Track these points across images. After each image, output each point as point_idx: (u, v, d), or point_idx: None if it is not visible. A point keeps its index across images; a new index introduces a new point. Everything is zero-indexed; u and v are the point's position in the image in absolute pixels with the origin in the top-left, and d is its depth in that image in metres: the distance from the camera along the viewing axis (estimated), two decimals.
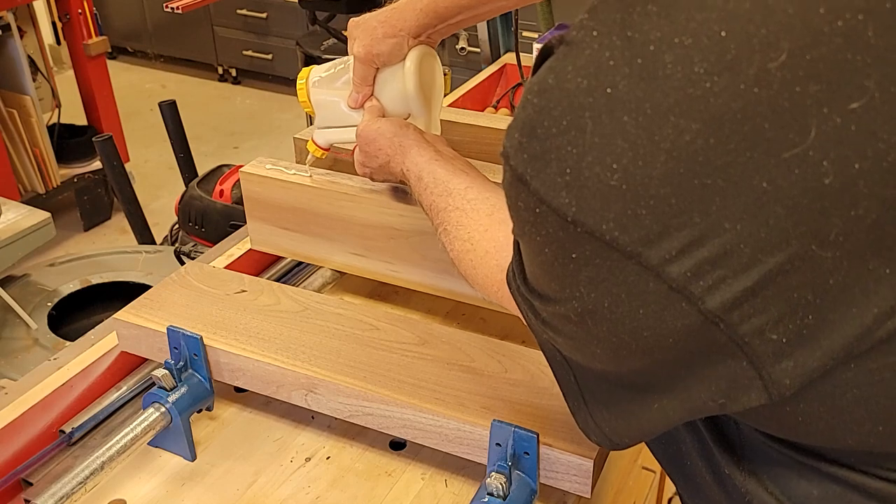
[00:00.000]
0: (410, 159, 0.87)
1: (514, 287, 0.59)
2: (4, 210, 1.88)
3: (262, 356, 0.88)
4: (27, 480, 0.86)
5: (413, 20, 0.92)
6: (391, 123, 0.91)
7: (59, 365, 0.95)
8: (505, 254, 0.68)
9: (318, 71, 1.01)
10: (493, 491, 0.74)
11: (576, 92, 0.44)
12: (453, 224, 0.78)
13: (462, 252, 0.76)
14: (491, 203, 0.78)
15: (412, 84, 0.93)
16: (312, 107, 1.00)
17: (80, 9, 3.10)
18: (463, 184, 0.81)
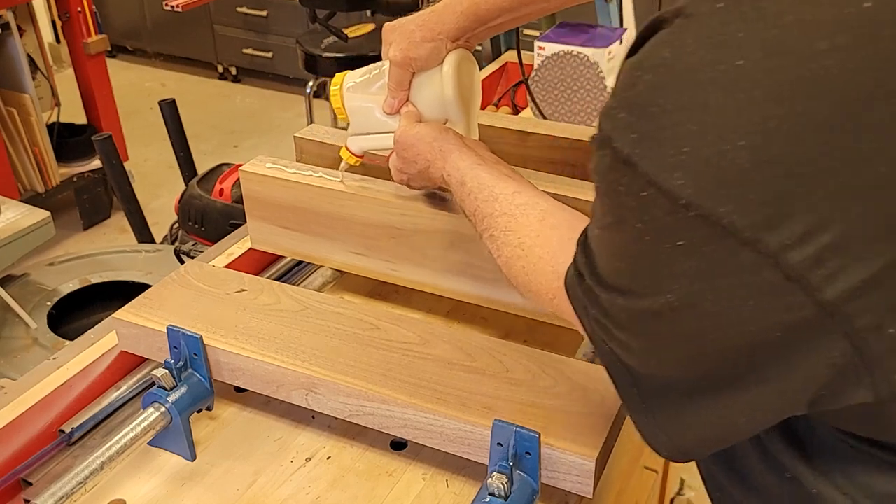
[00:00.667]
0: (451, 164, 0.85)
1: (578, 289, 0.58)
2: (4, 209, 1.87)
3: (262, 356, 0.87)
4: (27, 480, 0.86)
5: (452, 23, 0.90)
6: (431, 128, 0.90)
7: (59, 364, 0.94)
8: (561, 259, 0.67)
9: (352, 76, 0.99)
10: (494, 491, 0.74)
11: (699, 65, 0.43)
12: (501, 229, 0.77)
13: (512, 258, 0.75)
14: (542, 208, 0.76)
15: (451, 88, 0.91)
16: (346, 113, 0.98)
17: (79, 7, 3.10)
18: (510, 188, 0.79)
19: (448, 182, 0.86)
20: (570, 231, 0.71)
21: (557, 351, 0.99)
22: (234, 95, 4.58)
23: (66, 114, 3.24)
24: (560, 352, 0.98)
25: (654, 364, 0.54)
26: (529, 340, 1.02)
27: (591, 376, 0.84)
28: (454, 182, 0.85)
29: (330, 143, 1.13)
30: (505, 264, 0.76)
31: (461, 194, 0.84)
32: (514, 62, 1.71)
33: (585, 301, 0.57)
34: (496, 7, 0.89)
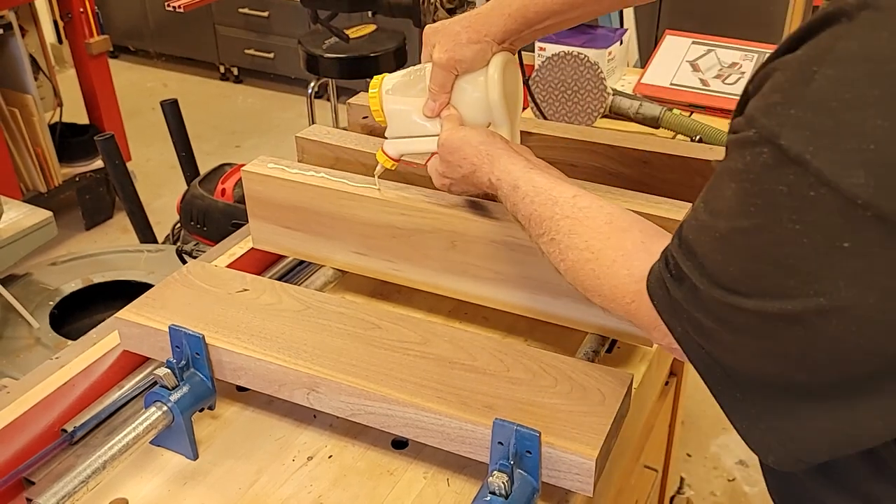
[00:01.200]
0: (501, 168, 0.84)
1: (671, 293, 0.57)
2: (6, 209, 1.88)
3: (263, 355, 0.88)
4: (29, 479, 0.86)
5: (500, 25, 0.89)
6: (477, 132, 0.88)
7: (61, 364, 0.95)
8: (636, 263, 0.66)
9: (391, 78, 0.97)
10: (495, 490, 0.74)
11: (893, 58, 0.41)
12: (564, 233, 0.75)
13: (580, 262, 0.73)
14: (607, 211, 0.74)
15: (496, 92, 0.90)
16: (385, 116, 0.97)
17: (81, 8, 3.10)
18: (569, 192, 0.78)
19: (497, 186, 0.84)
20: (641, 234, 0.70)
21: (558, 350, 0.99)
22: (235, 96, 4.58)
23: (69, 114, 3.24)
24: (560, 351, 0.99)
25: (771, 367, 0.52)
26: (530, 340, 1.02)
27: (592, 375, 0.84)
28: (505, 186, 0.83)
29: (331, 143, 1.13)
30: (570, 268, 0.75)
31: (514, 198, 0.82)
32: None
33: (683, 305, 0.56)
34: (546, 10, 0.88)
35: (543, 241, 0.78)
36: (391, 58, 1.97)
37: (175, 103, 2.28)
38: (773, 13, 3.25)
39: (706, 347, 0.56)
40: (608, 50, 1.62)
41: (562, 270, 0.77)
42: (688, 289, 0.56)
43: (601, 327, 0.95)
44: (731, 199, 0.52)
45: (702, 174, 1.05)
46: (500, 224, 0.95)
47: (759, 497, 2.19)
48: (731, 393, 0.57)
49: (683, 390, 1.71)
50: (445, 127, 0.91)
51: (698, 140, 1.38)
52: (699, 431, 2.39)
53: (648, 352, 0.99)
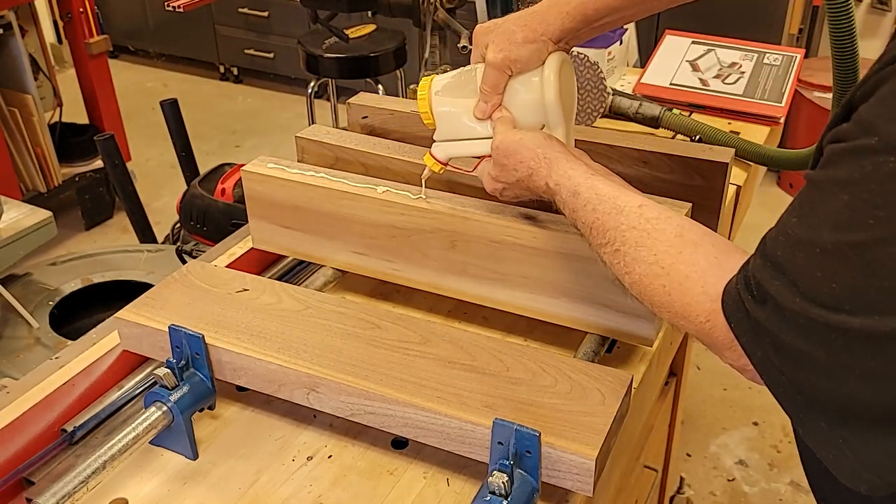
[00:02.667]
0: (560, 172, 0.81)
1: (752, 314, 0.55)
2: (6, 209, 1.88)
3: (263, 355, 0.88)
4: (29, 479, 0.86)
5: (557, 24, 0.86)
6: (534, 134, 0.86)
7: (61, 364, 0.95)
8: (712, 280, 0.64)
9: (439, 80, 0.94)
10: (494, 490, 0.74)
11: None
12: (631, 244, 0.73)
13: (649, 276, 0.71)
14: (676, 223, 0.72)
15: (552, 93, 0.87)
16: (433, 118, 0.94)
17: (81, 7, 3.10)
18: (634, 201, 0.75)
19: (555, 191, 0.82)
20: (714, 248, 0.68)
21: (558, 350, 0.99)
22: (235, 96, 4.58)
23: (68, 114, 3.24)
24: (560, 351, 0.99)
25: (869, 392, 0.51)
26: (530, 340, 1.02)
27: (592, 375, 0.84)
28: (565, 191, 0.81)
29: (331, 143, 1.13)
30: (637, 282, 0.72)
31: (574, 205, 0.80)
32: None
33: (766, 327, 0.54)
34: (605, 6, 0.86)
35: (606, 251, 0.76)
36: (391, 58, 1.97)
37: (175, 103, 2.28)
38: (773, 13, 3.25)
39: (788, 373, 0.53)
40: (608, 50, 1.62)
41: (627, 283, 0.74)
42: (773, 310, 0.54)
43: (601, 327, 0.95)
44: (842, 212, 0.50)
45: (701, 174, 1.05)
46: (500, 224, 0.95)
47: (759, 497, 2.19)
48: (815, 422, 0.55)
49: (683, 390, 1.71)
50: (499, 129, 0.88)
51: (698, 140, 1.38)
52: (699, 431, 2.39)
53: (648, 352, 0.99)
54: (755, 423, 2.42)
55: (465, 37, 1.79)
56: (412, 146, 1.12)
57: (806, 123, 3.30)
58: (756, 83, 1.57)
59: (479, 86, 0.90)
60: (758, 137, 1.47)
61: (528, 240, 0.94)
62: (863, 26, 3.53)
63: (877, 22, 3.57)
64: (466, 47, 1.77)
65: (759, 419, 2.43)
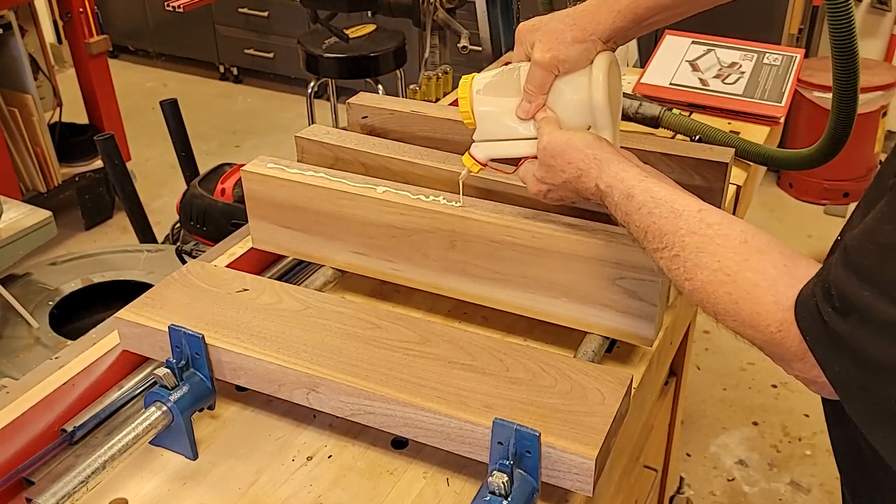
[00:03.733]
0: (611, 174, 0.80)
1: (833, 326, 0.53)
2: (6, 209, 1.88)
3: (263, 355, 0.88)
4: (29, 479, 0.86)
5: (608, 23, 0.85)
6: (583, 135, 0.84)
7: (61, 364, 0.95)
8: (783, 288, 0.63)
9: (480, 79, 0.92)
10: (494, 490, 0.74)
11: None
12: (692, 250, 0.71)
13: (713, 283, 0.69)
14: (739, 229, 0.70)
15: (601, 93, 0.85)
16: (474, 118, 0.92)
17: (81, 7, 3.10)
18: (693, 205, 0.74)
19: (606, 193, 0.80)
20: (781, 256, 0.67)
21: (557, 350, 0.99)
22: (235, 95, 4.58)
23: (68, 114, 3.24)
24: (560, 351, 0.99)
25: None
26: (529, 340, 1.02)
27: (591, 375, 0.84)
28: (617, 193, 0.79)
29: (331, 143, 1.13)
30: (699, 289, 0.70)
31: (627, 207, 0.78)
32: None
33: (848, 341, 0.52)
34: (657, 5, 0.84)
35: (663, 255, 0.74)
36: (391, 58, 1.97)
37: (175, 103, 2.28)
38: (773, 13, 3.25)
39: (872, 388, 0.52)
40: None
41: (687, 290, 0.72)
42: (858, 322, 0.53)
43: (601, 327, 0.95)
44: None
45: (701, 174, 1.05)
46: (500, 224, 0.95)
47: (759, 496, 2.19)
48: (891, 433, 0.54)
49: (683, 390, 1.71)
50: (546, 129, 0.86)
51: (698, 140, 1.38)
52: (699, 431, 2.39)
53: (648, 352, 0.99)
54: (755, 423, 2.42)
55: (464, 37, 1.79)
56: (412, 146, 1.12)
57: (806, 123, 3.30)
58: (756, 83, 1.57)
59: (522, 85, 0.88)
60: (758, 137, 1.47)
61: (528, 240, 0.94)
62: (863, 26, 3.54)
63: (877, 22, 3.57)
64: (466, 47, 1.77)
65: (758, 419, 2.43)
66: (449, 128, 1.14)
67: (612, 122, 0.88)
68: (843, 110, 1.20)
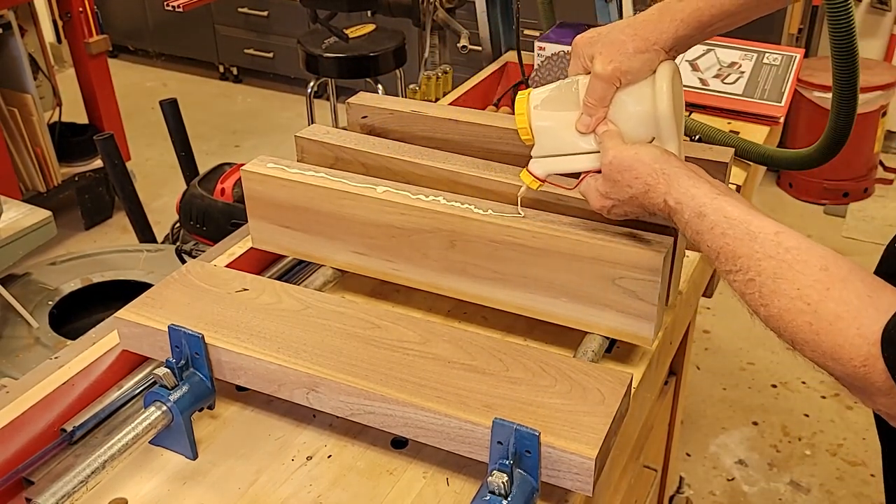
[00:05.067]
0: (680, 190, 0.78)
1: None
2: (5, 209, 1.88)
3: (263, 355, 0.88)
4: (28, 479, 0.86)
5: (671, 32, 0.83)
6: (650, 149, 0.82)
7: (61, 364, 0.95)
8: (867, 321, 0.61)
9: (537, 94, 0.91)
10: (494, 489, 0.74)
11: None
12: (769, 275, 0.69)
13: (791, 311, 0.67)
14: (819, 255, 0.68)
15: (666, 104, 0.83)
16: (532, 133, 0.90)
17: (80, 7, 3.10)
18: (769, 228, 0.71)
19: (675, 210, 0.79)
20: (864, 285, 0.65)
21: (557, 350, 0.99)
22: (235, 95, 4.58)
23: (68, 113, 3.24)
24: (560, 351, 0.99)
25: None
26: (529, 339, 1.02)
27: (591, 375, 0.84)
28: (688, 211, 0.77)
29: (330, 142, 1.13)
30: (775, 316, 0.68)
31: (698, 226, 0.76)
32: (514, 62, 1.71)
33: None
34: (721, 12, 0.82)
35: (737, 279, 0.72)
36: (390, 57, 1.96)
37: (174, 103, 2.28)
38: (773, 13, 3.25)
39: None
40: None
41: (762, 315, 0.70)
42: None
43: (601, 327, 0.95)
44: None
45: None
46: (500, 224, 0.95)
47: (759, 496, 2.19)
48: None
49: (683, 390, 1.71)
50: (610, 144, 0.84)
51: (698, 140, 1.38)
52: (698, 431, 2.40)
53: (648, 351, 0.99)
54: (755, 422, 2.42)
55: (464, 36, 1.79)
56: (412, 146, 1.12)
57: (806, 123, 3.30)
58: (756, 83, 1.57)
59: (580, 98, 0.87)
60: (757, 137, 1.47)
61: (528, 240, 0.94)
62: (863, 26, 3.54)
63: (877, 22, 3.57)
64: (466, 47, 1.77)
65: (758, 419, 2.43)
66: (449, 128, 1.14)
67: (678, 133, 0.86)
68: (843, 110, 1.20)
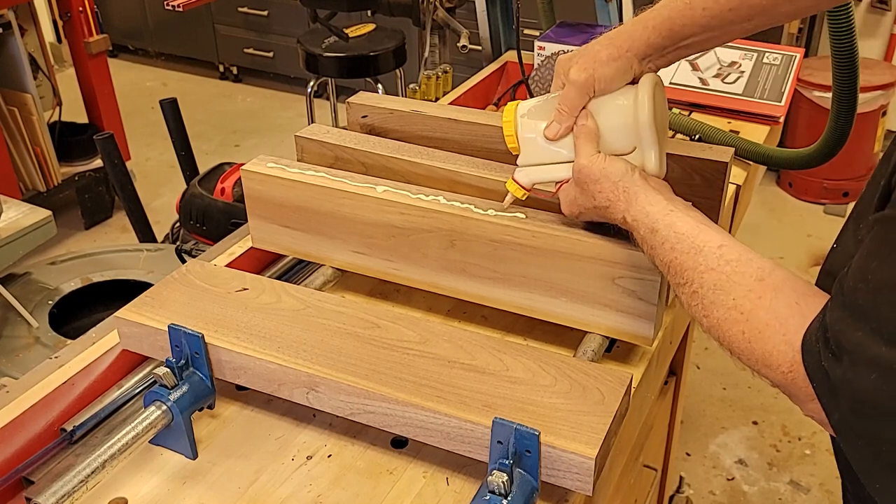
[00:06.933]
0: (638, 208, 0.81)
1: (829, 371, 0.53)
2: (5, 208, 1.88)
3: (263, 354, 0.88)
4: (28, 479, 0.86)
5: (643, 39, 0.85)
6: (618, 165, 0.84)
7: (61, 363, 0.95)
8: (793, 328, 0.63)
9: (524, 105, 0.93)
10: (494, 489, 0.74)
11: None
12: (709, 287, 0.71)
13: (727, 321, 0.69)
14: (756, 266, 0.70)
15: (647, 113, 0.85)
16: (518, 142, 0.92)
17: (80, 7, 3.11)
18: (713, 241, 0.74)
19: (633, 226, 0.82)
20: (795, 294, 0.66)
21: (557, 349, 0.99)
22: (235, 95, 4.58)
23: (68, 113, 3.24)
24: (560, 350, 0.99)
25: None
26: (529, 339, 1.02)
27: (591, 375, 0.84)
28: (642, 227, 0.80)
29: (330, 142, 1.13)
30: (715, 326, 0.71)
31: (652, 242, 0.79)
32: (515, 62, 1.71)
33: (841, 387, 0.51)
34: (693, 23, 0.83)
35: (684, 291, 0.74)
36: (390, 57, 1.97)
37: (174, 102, 2.28)
38: None
39: (870, 434, 0.51)
40: None
41: (705, 326, 0.73)
42: (849, 365, 0.52)
43: (600, 327, 0.95)
44: None
45: (701, 173, 1.05)
46: (500, 224, 0.95)
47: (758, 496, 2.19)
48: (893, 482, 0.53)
49: (683, 390, 1.71)
50: (583, 152, 0.86)
51: (698, 139, 1.38)
52: (698, 431, 2.40)
53: (648, 351, 0.99)
54: (754, 422, 2.42)
55: (464, 36, 1.79)
56: (412, 146, 1.12)
57: (806, 123, 3.30)
58: (756, 82, 1.57)
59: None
60: (757, 137, 1.47)
61: (528, 239, 0.94)
62: (862, 26, 3.54)
63: (877, 22, 3.57)
64: (466, 47, 1.77)
65: (758, 419, 2.43)
66: (449, 127, 1.14)
67: (659, 143, 0.87)
68: (843, 110, 1.20)
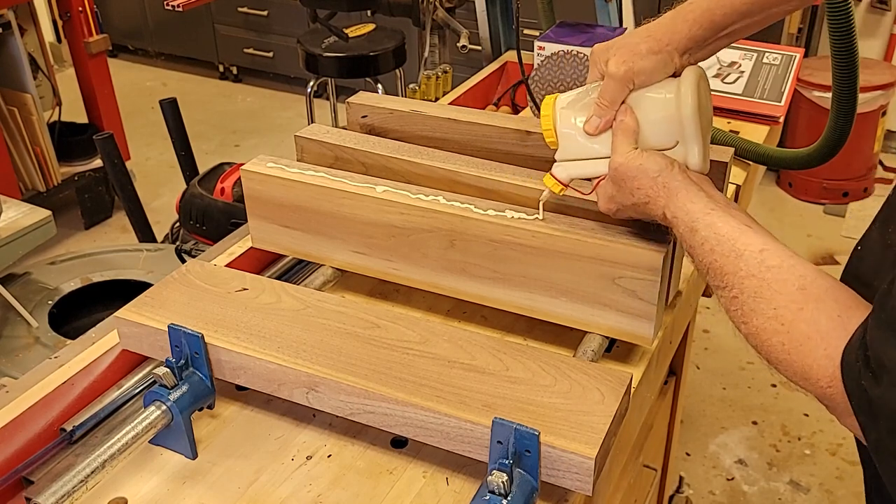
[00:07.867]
0: (678, 205, 0.79)
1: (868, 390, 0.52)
2: (5, 208, 1.88)
3: (263, 354, 0.88)
4: (28, 478, 0.86)
5: (684, 32, 0.83)
6: (656, 160, 0.82)
7: (60, 363, 0.95)
8: (834, 342, 0.61)
9: (563, 98, 0.91)
10: (494, 489, 0.74)
11: None
12: (749, 294, 0.69)
13: (767, 331, 0.68)
14: (799, 273, 0.68)
15: (690, 105, 0.83)
16: (557, 136, 0.90)
17: (80, 7, 3.10)
18: (755, 245, 0.72)
19: (672, 223, 0.80)
20: (836, 305, 0.65)
21: (557, 349, 0.99)
22: (235, 95, 4.58)
23: (68, 113, 3.24)
24: (560, 350, 0.99)
25: None
26: (529, 339, 1.02)
27: (591, 375, 0.84)
28: (682, 226, 0.78)
29: (330, 142, 1.13)
30: (753, 334, 0.69)
31: (691, 241, 0.77)
32: (514, 62, 1.71)
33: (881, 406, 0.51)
34: (734, 11, 0.82)
35: (723, 295, 0.73)
36: (390, 57, 1.97)
37: (174, 102, 2.28)
38: None
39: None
40: None
41: (743, 332, 0.71)
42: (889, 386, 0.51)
43: (600, 327, 0.95)
44: None
45: None
46: (500, 223, 0.95)
47: (758, 496, 2.19)
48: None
49: (683, 389, 1.71)
50: (620, 149, 0.84)
51: None
52: (698, 431, 2.40)
53: (647, 351, 0.99)
54: (754, 422, 2.42)
55: (464, 36, 1.79)
56: (412, 146, 1.12)
57: (805, 123, 3.30)
58: (755, 82, 1.57)
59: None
60: (757, 137, 1.47)
61: (528, 239, 0.94)
62: (862, 26, 3.53)
63: (877, 22, 3.57)
64: (466, 46, 1.77)
65: (758, 419, 2.43)
66: (448, 127, 1.14)
67: (702, 138, 0.85)
68: (843, 110, 1.20)
